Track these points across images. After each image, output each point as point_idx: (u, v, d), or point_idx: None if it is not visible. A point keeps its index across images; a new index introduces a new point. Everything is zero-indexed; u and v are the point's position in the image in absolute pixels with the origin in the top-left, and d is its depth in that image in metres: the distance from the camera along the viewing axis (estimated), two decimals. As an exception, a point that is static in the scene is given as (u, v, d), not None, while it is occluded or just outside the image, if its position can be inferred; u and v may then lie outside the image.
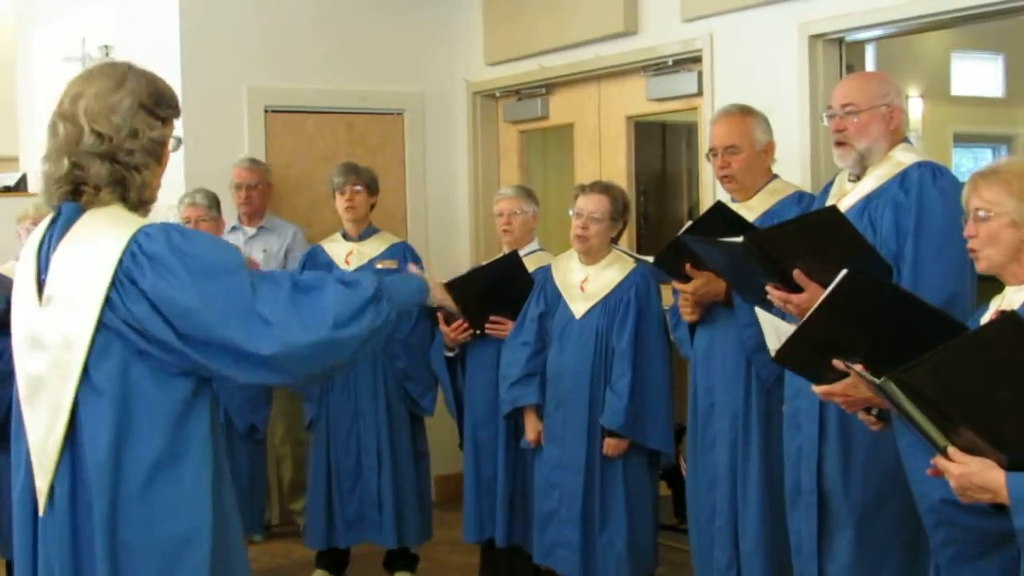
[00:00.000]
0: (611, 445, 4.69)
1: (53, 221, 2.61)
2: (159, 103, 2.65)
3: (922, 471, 2.61)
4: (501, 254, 5.35)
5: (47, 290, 2.55)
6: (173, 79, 6.41)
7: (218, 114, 6.42)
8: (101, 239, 2.51)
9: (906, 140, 3.75)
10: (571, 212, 4.82)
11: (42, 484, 2.55)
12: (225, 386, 4.10)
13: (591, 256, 4.83)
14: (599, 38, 6.09)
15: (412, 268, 3.07)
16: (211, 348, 2.47)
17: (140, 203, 2.61)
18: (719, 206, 4.10)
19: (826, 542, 3.73)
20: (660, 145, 6.81)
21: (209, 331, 2.46)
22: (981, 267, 2.85)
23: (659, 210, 6.73)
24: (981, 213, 2.77)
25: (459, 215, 7.12)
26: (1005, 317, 2.30)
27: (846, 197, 3.70)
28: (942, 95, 9.57)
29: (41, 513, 2.56)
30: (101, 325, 2.47)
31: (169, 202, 5.80)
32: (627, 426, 4.64)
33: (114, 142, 2.54)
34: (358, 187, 5.49)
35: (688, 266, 4.16)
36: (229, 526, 2.66)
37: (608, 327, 4.73)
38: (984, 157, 10.22)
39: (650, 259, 4.41)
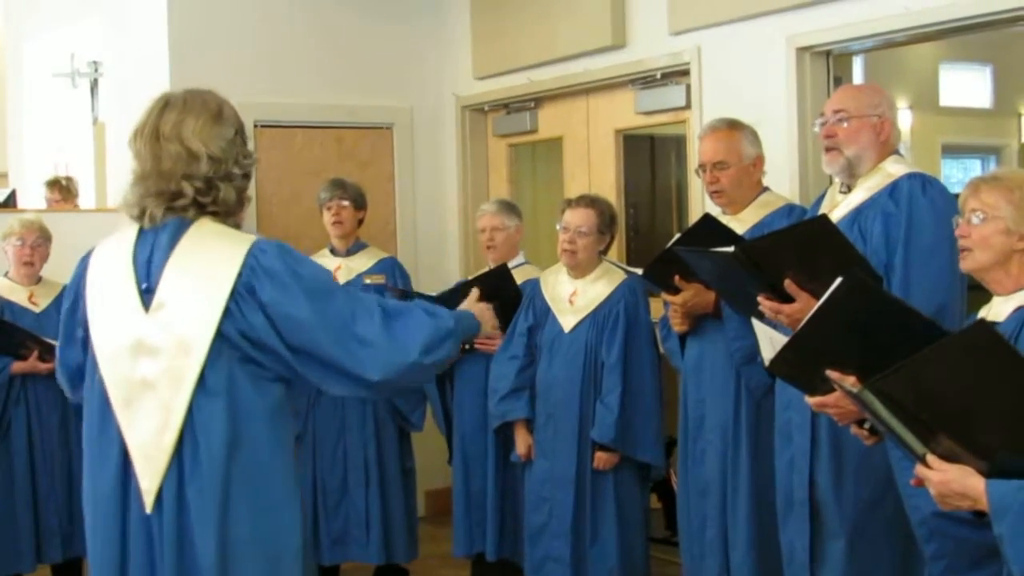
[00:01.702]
0: (602, 459, 4.68)
1: (141, 231, 2.78)
2: (244, 131, 2.85)
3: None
4: (488, 268, 5.34)
5: (158, 297, 2.70)
6: (161, 94, 6.45)
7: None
8: (218, 251, 2.69)
9: (896, 153, 3.76)
10: (558, 227, 4.82)
11: (150, 484, 2.68)
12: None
13: (579, 270, 4.82)
14: (587, 51, 6.09)
15: (470, 303, 3.10)
16: (314, 360, 2.68)
17: (236, 224, 2.79)
18: (708, 218, 4.10)
19: (818, 552, 3.73)
20: (649, 158, 6.81)
21: (316, 345, 2.66)
22: (966, 266, 2.84)
23: (648, 223, 6.73)
24: (978, 215, 2.77)
25: (448, 229, 7.11)
26: (976, 325, 2.29)
27: (837, 208, 3.71)
28: (930, 106, 9.60)
29: (148, 510, 2.68)
30: (218, 333, 2.64)
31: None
32: (617, 440, 4.64)
33: (223, 168, 2.73)
34: (345, 202, 5.47)
35: (677, 278, 4.16)
36: None
37: (597, 340, 4.73)
38: (973, 168, 10.25)
39: (639, 271, 4.40)
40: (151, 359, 2.68)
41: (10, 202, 7.58)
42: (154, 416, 2.67)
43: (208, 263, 2.68)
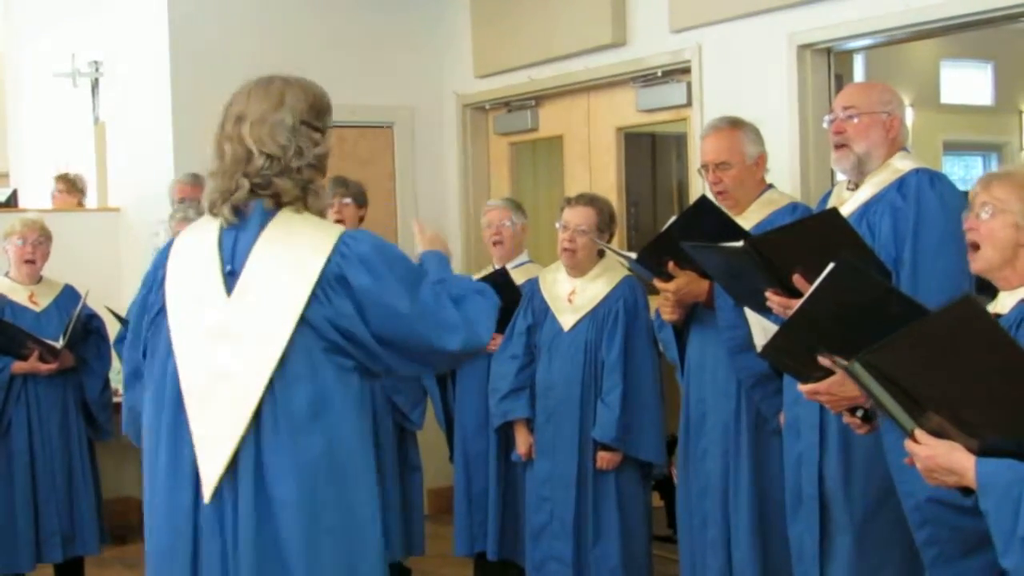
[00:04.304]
0: (604, 459, 4.68)
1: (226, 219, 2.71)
2: (318, 115, 2.76)
3: (906, 469, 2.61)
4: (491, 267, 5.34)
5: (242, 281, 2.64)
6: (163, 95, 6.45)
7: (209, 129, 6.38)
8: (306, 238, 2.65)
9: (904, 150, 3.75)
10: (558, 225, 4.82)
11: (212, 472, 2.60)
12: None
13: (578, 268, 4.82)
14: (588, 50, 6.09)
15: (419, 232, 3.10)
16: (400, 348, 2.66)
17: (320, 213, 2.75)
18: (704, 202, 4.07)
19: (826, 547, 3.72)
20: (650, 156, 6.81)
21: (409, 333, 2.64)
22: (977, 267, 2.86)
23: (650, 221, 6.73)
24: (987, 208, 2.78)
25: (450, 228, 7.11)
26: (961, 300, 2.29)
27: (844, 205, 3.70)
28: (932, 103, 9.59)
29: (207, 500, 2.61)
30: (302, 319, 2.58)
31: (159, 216, 5.79)
32: (619, 439, 4.64)
33: (282, 162, 2.66)
34: (346, 200, 5.45)
35: (671, 264, 4.14)
36: None
37: (597, 339, 4.72)
38: (975, 165, 10.24)
39: (633, 255, 4.39)
40: (230, 344, 2.62)
41: (11, 202, 7.59)
42: (228, 403, 2.61)
43: (295, 249, 2.63)
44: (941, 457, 2.34)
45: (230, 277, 2.66)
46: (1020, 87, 9.99)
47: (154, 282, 2.81)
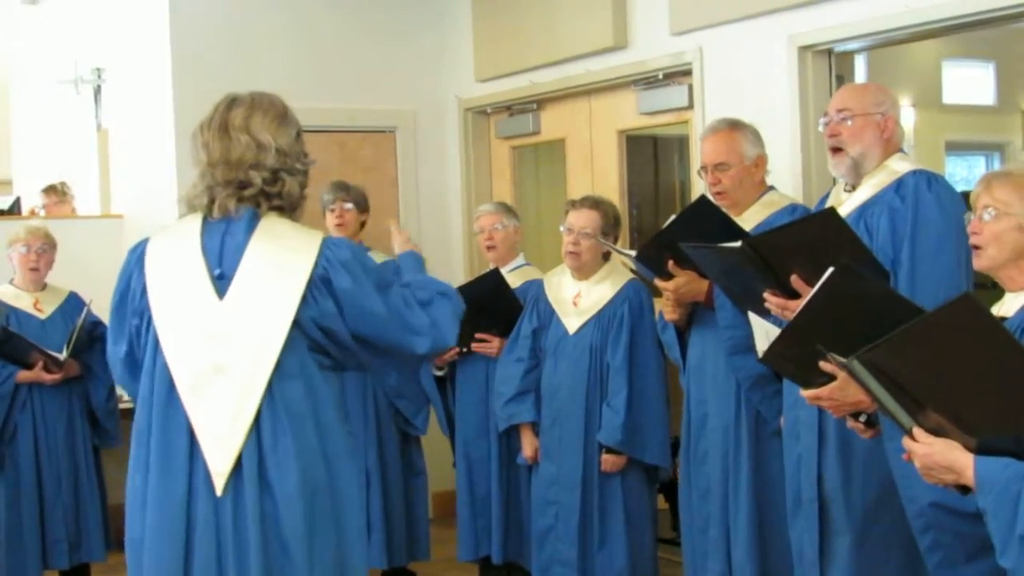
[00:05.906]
0: (609, 462, 4.68)
1: (207, 222, 2.83)
2: (302, 135, 2.95)
3: (910, 475, 2.61)
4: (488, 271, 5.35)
5: (235, 284, 2.77)
6: (165, 102, 6.46)
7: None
8: (293, 242, 2.81)
9: (901, 151, 3.76)
10: (562, 228, 4.82)
11: (224, 466, 2.73)
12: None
13: (583, 271, 4.83)
14: (589, 53, 6.10)
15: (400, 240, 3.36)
16: (373, 347, 2.84)
17: (297, 220, 2.91)
18: (703, 201, 4.07)
19: (826, 549, 3.73)
20: (652, 158, 6.82)
21: (381, 334, 2.82)
22: (980, 264, 2.84)
23: (652, 223, 6.73)
24: (990, 211, 2.77)
25: (452, 232, 7.11)
26: (961, 298, 2.29)
27: (842, 207, 3.70)
28: (933, 104, 9.57)
29: (220, 493, 2.72)
30: (295, 319, 2.75)
31: (162, 223, 5.80)
32: (624, 442, 4.64)
33: (288, 162, 2.86)
34: (348, 204, 5.47)
35: (670, 263, 4.14)
36: None
37: (602, 342, 4.72)
38: (977, 165, 10.23)
39: (633, 253, 4.39)
40: (225, 344, 2.75)
41: (15, 209, 7.60)
42: (228, 400, 2.73)
43: (285, 253, 2.78)
44: (939, 455, 2.34)
45: (220, 280, 2.78)
46: (1022, 86, 9.98)
47: (128, 284, 2.91)
